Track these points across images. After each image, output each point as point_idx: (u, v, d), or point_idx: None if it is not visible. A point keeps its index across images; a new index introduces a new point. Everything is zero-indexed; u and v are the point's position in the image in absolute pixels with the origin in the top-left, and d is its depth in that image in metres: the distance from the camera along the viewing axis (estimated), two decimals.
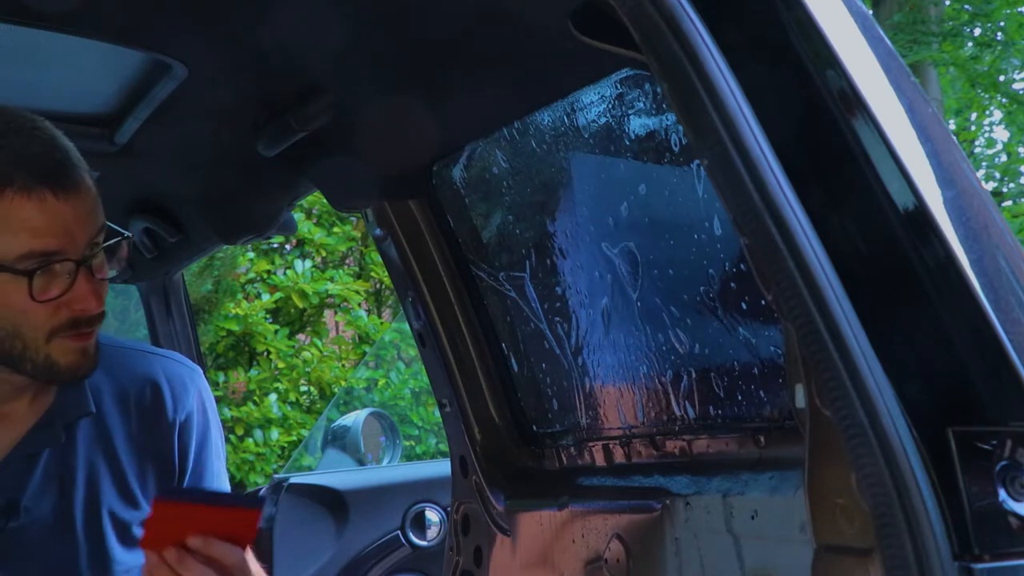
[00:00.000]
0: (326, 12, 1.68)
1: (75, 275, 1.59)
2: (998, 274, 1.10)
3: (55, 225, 1.56)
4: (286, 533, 3.02)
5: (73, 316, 1.62)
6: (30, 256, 1.56)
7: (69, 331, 1.63)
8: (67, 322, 1.62)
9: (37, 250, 1.56)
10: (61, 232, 1.57)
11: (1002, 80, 14.19)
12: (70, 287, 1.59)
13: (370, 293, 8.90)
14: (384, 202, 2.27)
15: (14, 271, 1.56)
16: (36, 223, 1.55)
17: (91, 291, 1.60)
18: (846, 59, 1.15)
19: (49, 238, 1.56)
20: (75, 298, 1.60)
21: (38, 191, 1.55)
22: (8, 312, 1.60)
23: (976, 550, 1.00)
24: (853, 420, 1.03)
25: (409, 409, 7.44)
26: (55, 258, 1.57)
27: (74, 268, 1.59)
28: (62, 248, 1.57)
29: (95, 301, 1.62)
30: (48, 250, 1.56)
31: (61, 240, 1.57)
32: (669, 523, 1.77)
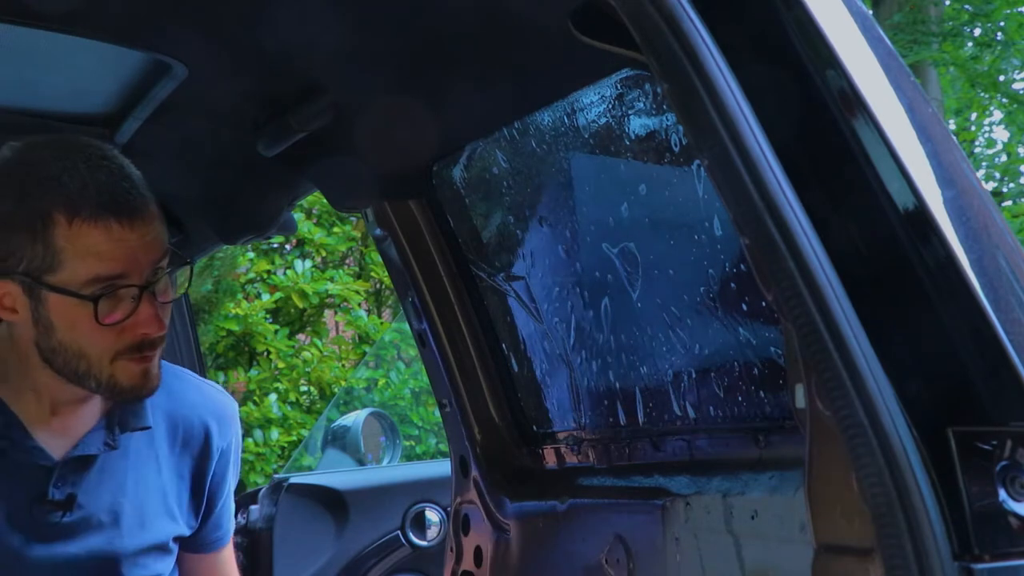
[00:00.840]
0: (326, 12, 1.68)
1: (139, 299, 1.67)
2: (998, 274, 1.10)
3: (120, 251, 1.64)
4: (286, 533, 3.02)
5: (136, 340, 1.69)
6: (96, 281, 1.64)
7: (132, 353, 1.70)
8: (130, 345, 1.69)
9: (103, 275, 1.63)
10: (125, 258, 1.64)
11: (1002, 80, 14.19)
12: (133, 311, 1.66)
13: (370, 293, 8.90)
14: (384, 202, 2.27)
15: (80, 296, 1.64)
16: (102, 249, 1.63)
17: (153, 315, 1.68)
18: (846, 59, 1.15)
19: (114, 263, 1.63)
20: (138, 322, 1.67)
21: (104, 219, 1.62)
22: (75, 334, 1.68)
23: (976, 550, 1.00)
24: (853, 420, 1.03)
25: (409, 409, 7.44)
26: (120, 282, 1.65)
27: (138, 292, 1.66)
28: (126, 272, 1.65)
29: (157, 325, 1.69)
30: (113, 274, 1.64)
31: (125, 265, 1.64)
32: (669, 523, 1.77)
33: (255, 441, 7.53)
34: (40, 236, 1.63)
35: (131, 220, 1.64)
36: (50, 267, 1.64)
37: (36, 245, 1.63)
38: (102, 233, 1.63)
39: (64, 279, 1.64)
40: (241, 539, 3.15)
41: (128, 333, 1.68)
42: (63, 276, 1.64)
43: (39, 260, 1.64)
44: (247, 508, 3.17)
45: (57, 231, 1.62)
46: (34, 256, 1.64)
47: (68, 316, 1.66)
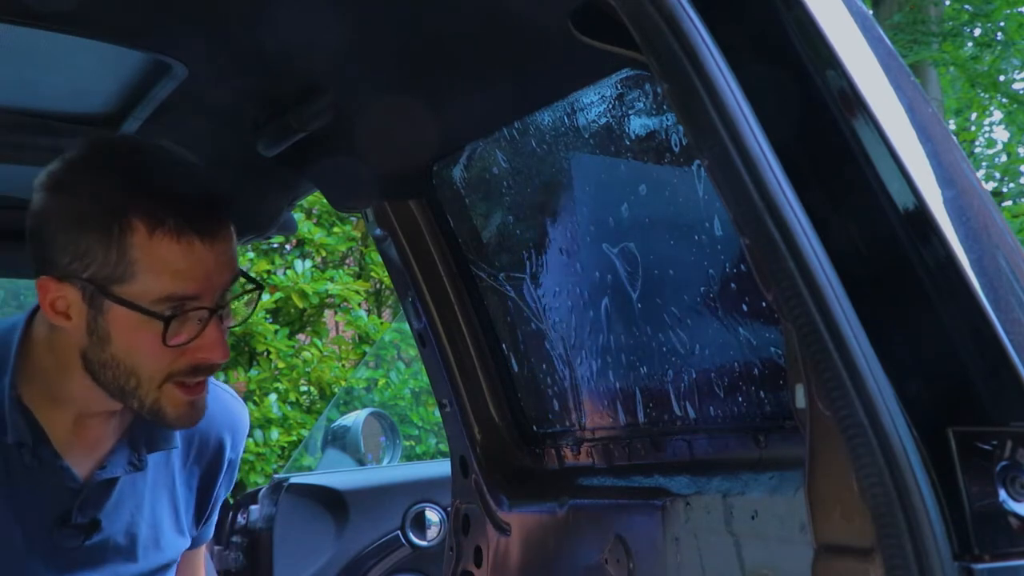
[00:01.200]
0: (326, 12, 1.67)
1: (207, 322, 1.57)
2: (998, 274, 1.10)
3: (197, 270, 1.54)
4: (286, 533, 3.02)
5: (195, 363, 1.59)
6: (169, 299, 1.54)
7: (186, 376, 1.60)
8: (187, 368, 1.60)
9: (177, 294, 1.54)
10: (202, 277, 1.55)
11: (1002, 80, 14.19)
12: (199, 333, 1.57)
13: (370, 293, 8.90)
14: (384, 202, 2.27)
15: (150, 313, 1.53)
16: (180, 267, 1.53)
17: (219, 340, 1.58)
18: (846, 59, 1.15)
19: (190, 283, 1.54)
20: (202, 345, 1.58)
21: (187, 235, 1.52)
22: (132, 350, 1.57)
23: (976, 550, 1.00)
24: (853, 420, 1.03)
25: (409, 409, 7.44)
26: (191, 304, 1.55)
27: (207, 315, 1.57)
28: (200, 293, 1.56)
29: (221, 351, 1.59)
30: (187, 295, 1.54)
31: (201, 285, 1.55)
32: (669, 523, 1.77)
33: (255, 441, 7.53)
34: (115, 242, 1.51)
35: (213, 239, 1.54)
36: (120, 277, 1.52)
37: (109, 251, 1.51)
38: (183, 250, 1.52)
39: (134, 292, 1.53)
40: (241, 539, 3.15)
41: (187, 356, 1.58)
42: (133, 289, 1.52)
43: (109, 268, 1.52)
44: (247, 508, 3.17)
45: (134, 240, 1.51)
46: (105, 263, 1.52)
47: (129, 331, 1.55)
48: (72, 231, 1.53)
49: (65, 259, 1.54)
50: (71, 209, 1.54)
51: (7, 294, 8.82)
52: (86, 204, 1.52)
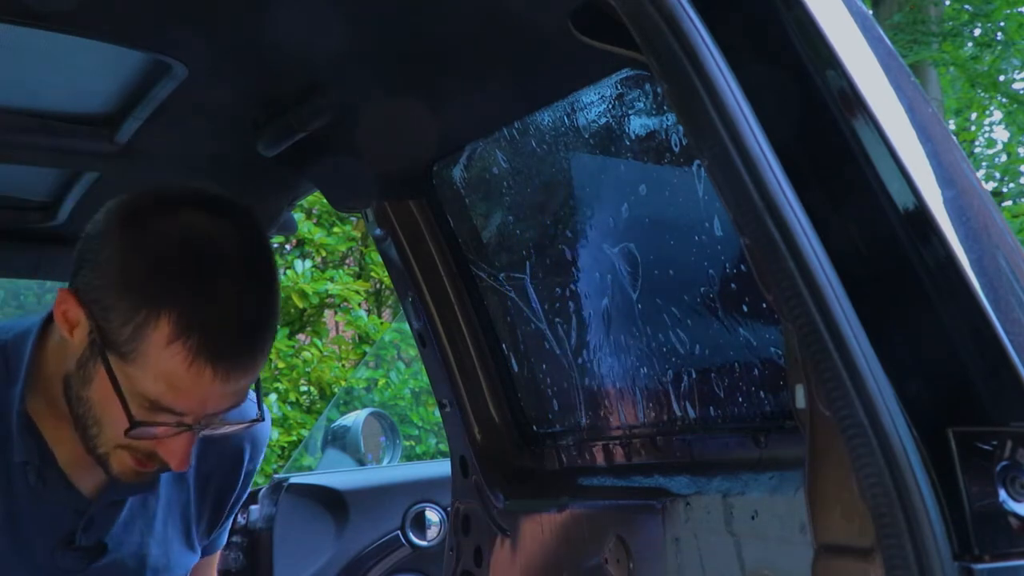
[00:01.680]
0: (326, 12, 1.67)
1: (179, 433, 1.50)
2: (998, 274, 1.10)
3: (195, 395, 1.46)
4: (286, 533, 3.02)
5: (154, 453, 1.53)
6: (153, 405, 1.46)
7: (141, 455, 1.53)
8: (145, 452, 1.53)
9: (162, 403, 1.46)
10: (197, 403, 1.47)
11: (1002, 80, 14.19)
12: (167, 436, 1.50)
13: (370, 293, 8.90)
14: (384, 202, 2.27)
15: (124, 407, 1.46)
16: (182, 386, 1.44)
17: (183, 453, 1.51)
18: (846, 59, 1.15)
19: (182, 401, 1.46)
20: (166, 449, 1.51)
21: (204, 364, 1.43)
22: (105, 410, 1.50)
23: (976, 550, 1.00)
24: (853, 420, 1.03)
25: (409, 409, 7.44)
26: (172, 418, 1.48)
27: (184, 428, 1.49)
28: (187, 412, 1.48)
29: (179, 462, 1.52)
30: (173, 409, 1.47)
31: (192, 408, 1.48)
32: (669, 523, 1.77)
33: None
34: (135, 325, 1.43)
35: (228, 377, 1.45)
36: (122, 354, 1.45)
37: (125, 326, 1.43)
38: (192, 374, 1.43)
39: (126, 372, 1.45)
40: (241, 539, 3.15)
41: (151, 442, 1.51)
42: (128, 371, 1.45)
43: (116, 338, 1.44)
44: (247, 508, 3.17)
45: (152, 336, 1.42)
46: (118, 333, 1.44)
47: (109, 397, 1.47)
48: (107, 279, 1.46)
49: (91, 295, 1.47)
50: (118, 262, 1.46)
51: (7, 294, 8.82)
52: (132, 268, 1.45)
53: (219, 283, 1.46)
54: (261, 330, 1.50)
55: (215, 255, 1.47)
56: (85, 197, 2.37)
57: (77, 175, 2.32)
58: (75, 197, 2.38)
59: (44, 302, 8.49)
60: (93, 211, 1.57)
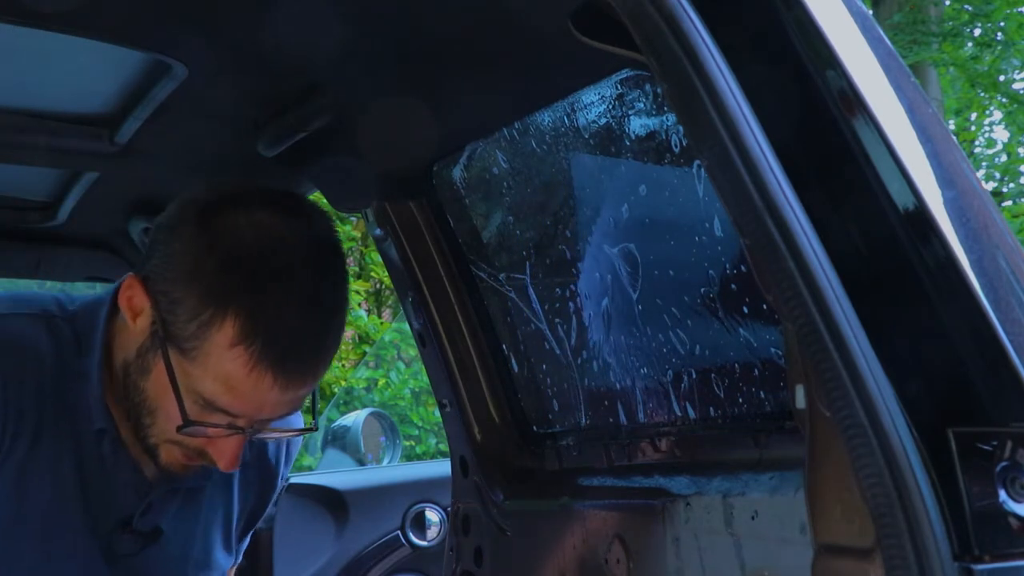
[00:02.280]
0: (326, 12, 1.67)
1: (231, 435, 1.49)
2: (998, 274, 1.10)
3: (254, 402, 1.45)
4: (286, 533, 3.02)
5: (203, 451, 1.53)
6: (209, 404, 1.46)
7: (192, 452, 1.53)
8: (195, 449, 1.53)
9: (218, 404, 1.45)
10: (254, 408, 1.46)
11: (1002, 80, 14.19)
12: (218, 437, 1.50)
13: (370, 293, 8.90)
14: (384, 202, 2.27)
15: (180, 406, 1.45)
16: (241, 389, 1.43)
17: (233, 454, 1.50)
18: (846, 59, 1.15)
19: (238, 404, 1.45)
20: (216, 449, 1.51)
21: (266, 370, 1.42)
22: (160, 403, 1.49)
23: (976, 551, 1.00)
24: (853, 420, 1.03)
25: (409, 409, 7.44)
26: (226, 420, 1.47)
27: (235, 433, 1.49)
28: (240, 415, 1.47)
29: (228, 463, 1.51)
30: (229, 412, 1.46)
31: (247, 412, 1.47)
32: (669, 523, 1.77)
33: None
34: (200, 323, 1.42)
35: (287, 385, 1.44)
36: (183, 351, 1.44)
37: (191, 324, 1.42)
38: (254, 379, 1.42)
39: (186, 370, 1.44)
40: None
41: (202, 441, 1.51)
42: (187, 368, 1.44)
43: (179, 333, 1.43)
44: None
45: (216, 337, 1.41)
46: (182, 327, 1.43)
47: (166, 391, 1.47)
48: (177, 272, 1.44)
49: (159, 286, 1.46)
50: (190, 254, 1.45)
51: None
52: (203, 262, 1.43)
53: (289, 288, 1.44)
54: (326, 339, 1.48)
55: (287, 258, 1.45)
56: (85, 197, 2.37)
57: (77, 175, 2.32)
58: (75, 197, 2.38)
59: None
60: (93, 211, 1.57)
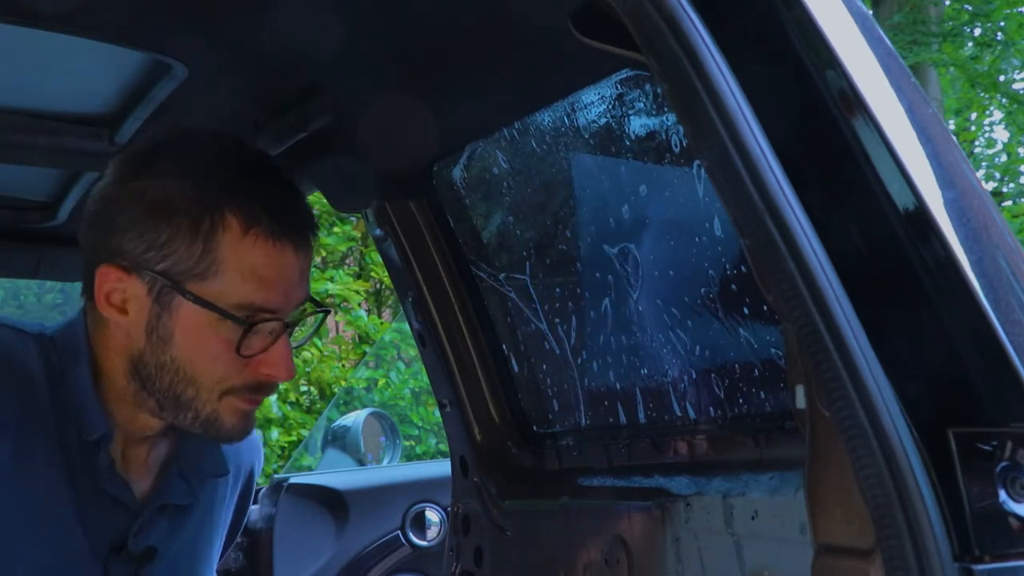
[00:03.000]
0: (326, 12, 1.67)
1: (277, 336, 1.46)
2: (998, 275, 1.10)
3: (282, 281, 1.44)
4: (286, 533, 3.02)
5: (257, 379, 1.48)
6: (248, 308, 1.43)
7: (246, 393, 1.49)
8: (250, 384, 1.48)
9: (256, 303, 1.43)
10: (284, 289, 1.45)
11: (1002, 80, 14.19)
12: (267, 347, 1.46)
13: (370, 293, 8.90)
14: (384, 202, 2.27)
15: (230, 316, 1.42)
16: (266, 274, 1.43)
17: (288, 357, 1.48)
18: (846, 59, 1.15)
19: (272, 293, 1.44)
20: (269, 360, 1.47)
21: (281, 241, 1.43)
22: (198, 356, 1.45)
23: (976, 551, 1.00)
24: (853, 421, 1.03)
25: (409, 409, 7.44)
26: (267, 315, 1.44)
27: (280, 329, 1.46)
28: (279, 307, 1.45)
29: (288, 369, 1.48)
30: (266, 306, 1.44)
31: (281, 298, 1.45)
32: (669, 524, 1.77)
33: None
34: (203, 236, 1.40)
35: (302, 249, 1.46)
36: (201, 274, 1.41)
37: (194, 245, 1.40)
38: (274, 255, 1.42)
39: (211, 292, 1.41)
40: (241, 539, 3.15)
41: (250, 370, 1.46)
42: (211, 289, 1.41)
43: (190, 263, 1.40)
44: None
45: (225, 237, 1.40)
46: (187, 256, 1.40)
47: (197, 334, 1.43)
48: (153, 218, 1.41)
49: (138, 248, 1.42)
50: (157, 194, 1.42)
51: (7, 294, 8.82)
52: (176, 191, 1.41)
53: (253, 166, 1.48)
54: (304, 198, 1.53)
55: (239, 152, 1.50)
56: (85, 197, 2.36)
57: (77, 175, 2.32)
58: (75, 197, 2.38)
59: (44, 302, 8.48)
60: None
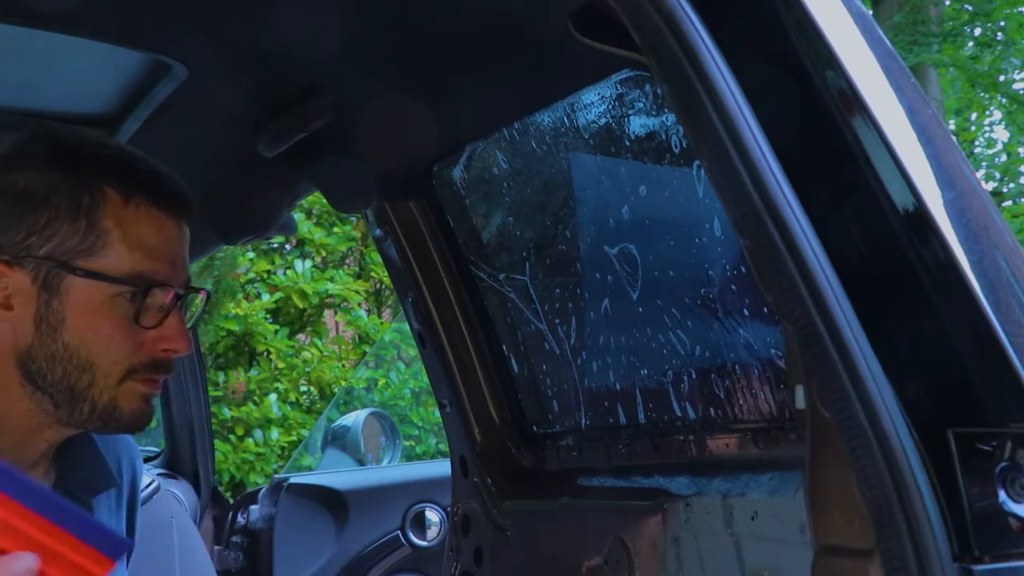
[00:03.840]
0: (326, 12, 1.67)
1: (169, 309, 1.44)
2: (998, 275, 1.10)
3: (168, 249, 1.44)
4: (286, 533, 3.02)
5: (155, 356, 1.45)
6: (139, 278, 1.41)
7: (145, 373, 1.44)
8: (147, 363, 1.44)
9: (146, 273, 1.41)
10: (171, 259, 1.44)
11: (1002, 80, 14.19)
12: (162, 321, 1.43)
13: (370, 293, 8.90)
14: (384, 202, 2.27)
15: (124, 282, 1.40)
16: (152, 242, 1.42)
17: (183, 328, 1.45)
18: (846, 60, 1.15)
19: (159, 263, 1.43)
20: (165, 334, 1.44)
21: (160, 208, 1.44)
22: (90, 337, 1.41)
23: (976, 551, 1.00)
24: (853, 421, 1.03)
25: (409, 409, 7.44)
26: (159, 286, 1.42)
27: (172, 301, 1.44)
28: (168, 277, 1.44)
29: (186, 341, 1.46)
30: (155, 277, 1.42)
31: (169, 268, 1.44)
32: (669, 524, 1.77)
33: (255, 441, 7.53)
34: (84, 212, 1.39)
35: (181, 219, 1.46)
36: (88, 250, 1.39)
37: (77, 222, 1.39)
38: (157, 224, 1.43)
39: (102, 266, 1.40)
40: (241, 539, 3.15)
41: (147, 347, 1.43)
42: (101, 263, 1.40)
43: (75, 240, 1.39)
44: (247, 508, 3.18)
45: (107, 210, 1.41)
46: (71, 234, 1.39)
47: (90, 313, 1.40)
48: (30, 204, 1.39)
49: (16, 238, 1.39)
50: (31, 182, 1.41)
51: None
52: (51, 176, 1.41)
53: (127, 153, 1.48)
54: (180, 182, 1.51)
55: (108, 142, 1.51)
56: None
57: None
58: None
59: None
60: None
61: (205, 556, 2.99)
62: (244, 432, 7.63)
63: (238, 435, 7.59)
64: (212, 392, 7.31)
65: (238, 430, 7.62)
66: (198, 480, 3.30)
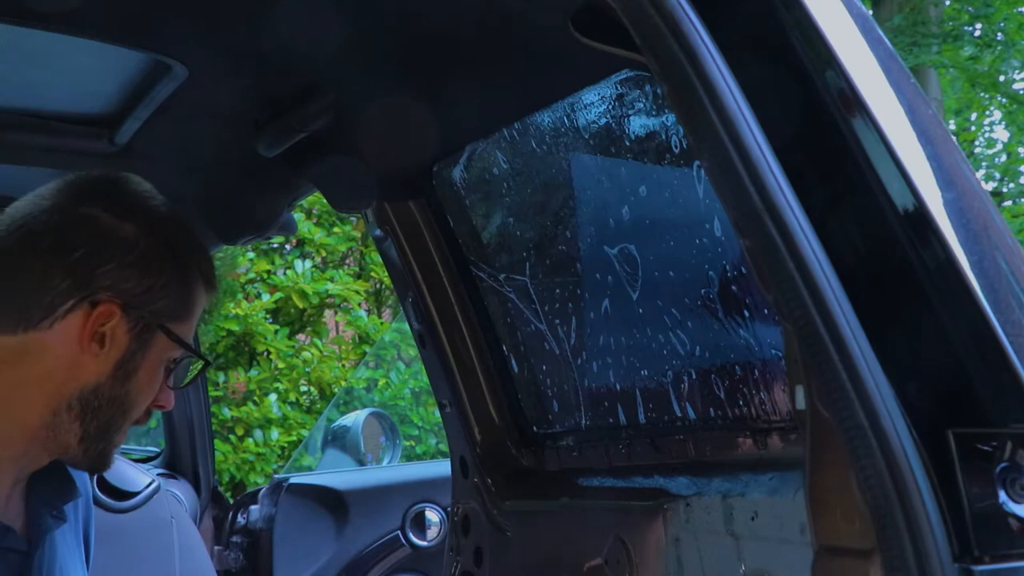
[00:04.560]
0: (326, 12, 1.67)
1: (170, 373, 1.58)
2: (998, 276, 1.10)
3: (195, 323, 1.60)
4: (286, 533, 3.02)
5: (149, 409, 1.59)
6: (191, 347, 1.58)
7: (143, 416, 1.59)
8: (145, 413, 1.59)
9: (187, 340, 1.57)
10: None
11: (1002, 80, 14.18)
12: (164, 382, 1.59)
13: (370, 293, 8.90)
14: (384, 202, 2.27)
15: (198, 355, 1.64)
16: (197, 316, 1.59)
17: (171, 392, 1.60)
18: (846, 60, 1.15)
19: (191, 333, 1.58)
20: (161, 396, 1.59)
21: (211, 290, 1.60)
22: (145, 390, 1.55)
23: (976, 551, 1.00)
24: (853, 421, 1.03)
25: (409, 409, 7.44)
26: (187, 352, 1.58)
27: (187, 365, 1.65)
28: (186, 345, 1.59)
29: (173, 401, 1.61)
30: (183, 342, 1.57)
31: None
32: (669, 524, 1.77)
33: (255, 441, 7.53)
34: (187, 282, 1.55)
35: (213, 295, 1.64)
36: (180, 316, 1.55)
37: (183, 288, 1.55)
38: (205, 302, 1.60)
39: (182, 333, 1.56)
40: (241, 539, 3.15)
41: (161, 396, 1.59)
42: (181, 330, 1.56)
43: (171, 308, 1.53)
44: (247, 508, 3.17)
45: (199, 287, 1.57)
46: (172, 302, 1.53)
47: (155, 370, 1.54)
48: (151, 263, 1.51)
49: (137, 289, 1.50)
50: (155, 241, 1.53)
51: None
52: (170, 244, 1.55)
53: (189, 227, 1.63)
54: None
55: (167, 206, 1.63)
56: None
57: None
58: None
59: None
60: None
61: (205, 556, 2.99)
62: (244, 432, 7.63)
63: (238, 435, 7.59)
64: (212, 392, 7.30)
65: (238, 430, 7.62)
66: (198, 480, 3.29)
